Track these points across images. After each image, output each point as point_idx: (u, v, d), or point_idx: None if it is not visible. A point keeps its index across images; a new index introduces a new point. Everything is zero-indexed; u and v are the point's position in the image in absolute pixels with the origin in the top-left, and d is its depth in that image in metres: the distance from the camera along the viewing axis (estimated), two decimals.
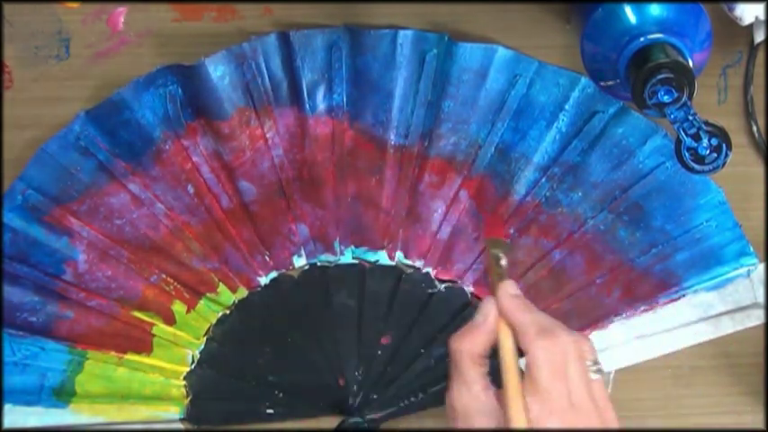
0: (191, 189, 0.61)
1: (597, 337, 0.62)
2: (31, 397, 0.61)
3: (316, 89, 0.61)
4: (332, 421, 0.62)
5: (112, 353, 0.61)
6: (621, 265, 0.61)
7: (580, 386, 0.48)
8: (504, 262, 0.53)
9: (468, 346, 0.50)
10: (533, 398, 0.47)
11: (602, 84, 0.58)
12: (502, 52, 0.60)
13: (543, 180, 0.61)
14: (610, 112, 0.61)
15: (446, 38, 0.60)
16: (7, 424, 0.60)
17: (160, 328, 0.61)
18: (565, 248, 0.61)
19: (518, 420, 0.47)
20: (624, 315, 0.61)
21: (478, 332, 0.50)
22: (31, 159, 0.60)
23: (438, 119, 0.61)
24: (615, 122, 0.61)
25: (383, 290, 0.62)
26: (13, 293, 0.60)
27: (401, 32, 0.60)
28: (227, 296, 0.62)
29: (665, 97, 0.53)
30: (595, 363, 0.50)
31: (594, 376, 0.49)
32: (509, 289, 0.51)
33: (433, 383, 0.62)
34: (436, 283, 0.62)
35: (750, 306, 0.62)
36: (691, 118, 0.53)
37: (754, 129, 0.62)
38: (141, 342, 0.61)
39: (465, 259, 0.62)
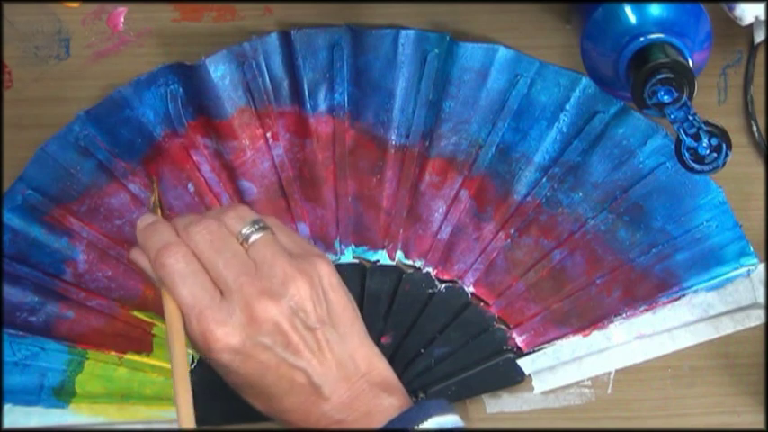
0: (191, 188, 0.61)
1: (597, 337, 0.62)
2: (31, 397, 0.61)
3: (317, 88, 0.61)
4: None
5: (112, 353, 0.61)
6: (622, 265, 0.61)
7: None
8: (151, 199, 0.56)
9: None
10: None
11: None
12: (503, 52, 0.61)
13: (544, 180, 0.61)
14: (610, 112, 0.61)
15: (447, 38, 0.60)
16: (7, 424, 0.60)
17: (160, 327, 0.61)
18: (565, 248, 0.61)
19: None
20: (624, 315, 0.61)
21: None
22: (31, 159, 0.60)
23: (439, 119, 0.61)
24: (616, 122, 0.61)
25: (383, 289, 0.62)
26: (13, 293, 0.60)
27: (403, 32, 0.60)
28: None
29: (665, 97, 0.53)
30: (254, 223, 0.50)
31: (256, 236, 0.50)
32: (140, 225, 0.52)
33: (433, 383, 0.62)
34: (436, 282, 0.62)
35: (750, 306, 0.62)
36: (691, 118, 0.53)
37: (754, 129, 0.62)
38: (141, 342, 0.61)
39: (465, 259, 0.62)
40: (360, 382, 0.50)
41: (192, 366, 0.62)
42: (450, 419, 0.49)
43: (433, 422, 0.48)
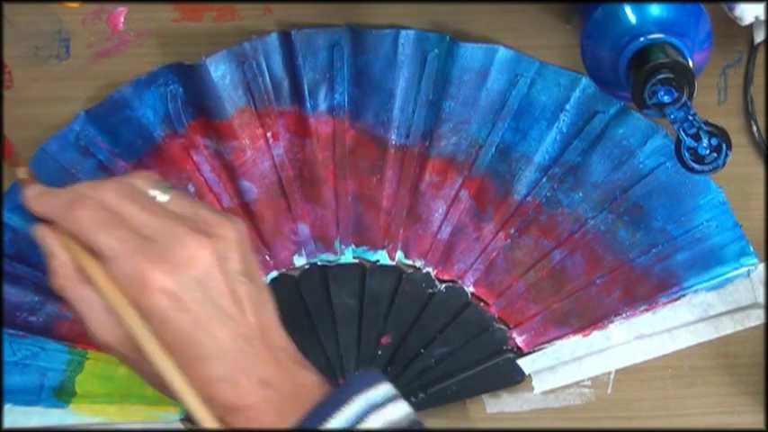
0: (191, 188, 0.61)
1: (597, 337, 0.62)
2: (31, 397, 0.61)
3: (317, 88, 0.61)
4: None
5: None
6: (622, 265, 0.61)
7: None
8: (21, 172, 0.53)
9: (61, 277, 0.48)
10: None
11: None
12: (503, 52, 0.61)
13: (544, 180, 0.61)
14: (610, 112, 0.61)
15: (447, 38, 0.60)
16: (7, 424, 0.60)
17: None
18: (565, 248, 0.61)
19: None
20: (624, 315, 0.61)
21: (56, 260, 0.48)
22: (31, 159, 0.60)
23: (439, 119, 0.61)
24: (616, 122, 0.61)
25: (383, 289, 0.62)
26: (13, 293, 0.60)
27: (403, 32, 0.60)
28: None
29: (665, 97, 0.53)
30: (161, 183, 0.49)
31: (167, 193, 0.49)
32: (29, 194, 0.49)
33: (433, 383, 0.62)
34: (436, 282, 0.62)
35: (750, 306, 0.62)
36: (691, 118, 0.53)
37: (754, 129, 0.62)
38: None
39: (465, 259, 0.62)
40: (280, 355, 0.48)
41: None
42: (382, 391, 0.47)
43: (361, 401, 0.46)
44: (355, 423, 0.45)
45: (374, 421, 0.46)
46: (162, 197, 0.49)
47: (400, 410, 0.47)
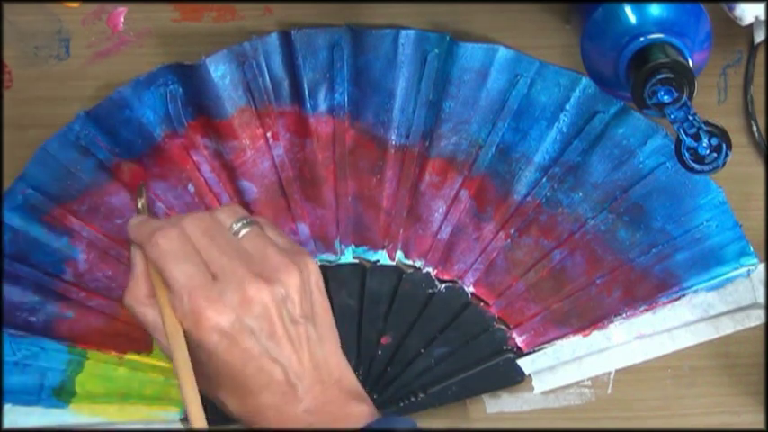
0: (191, 188, 0.61)
1: (597, 337, 0.62)
2: (31, 397, 0.61)
3: (317, 88, 0.61)
4: None
5: (113, 353, 0.61)
6: (622, 265, 0.61)
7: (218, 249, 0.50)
8: (140, 203, 0.57)
9: (133, 296, 0.51)
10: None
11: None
12: (503, 52, 0.61)
13: (544, 180, 0.61)
14: (610, 112, 0.61)
15: (447, 38, 0.60)
16: (7, 424, 0.60)
17: None
18: (565, 248, 0.61)
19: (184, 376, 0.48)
20: (624, 315, 0.61)
21: (135, 281, 0.51)
22: (32, 158, 0.60)
23: (439, 119, 0.61)
24: (616, 122, 0.61)
25: (383, 289, 0.62)
26: (13, 293, 0.60)
27: (403, 32, 0.60)
28: None
29: (665, 97, 0.53)
30: (243, 219, 0.51)
31: (246, 229, 0.51)
32: (132, 222, 0.53)
33: (433, 383, 0.62)
34: (436, 282, 0.62)
35: (750, 306, 0.62)
36: (691, 118, 0.53)
37: (754, 129, 0.62)
38: (141, 342, 0.61)
39: (465, 259, 0.62)
40: (332, 388, 0.50)
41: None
42: None
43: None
44: None
45: None
46: (244, 230, 0.51)
47: None
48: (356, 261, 0.62)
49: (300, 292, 0.50)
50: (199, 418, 0.47)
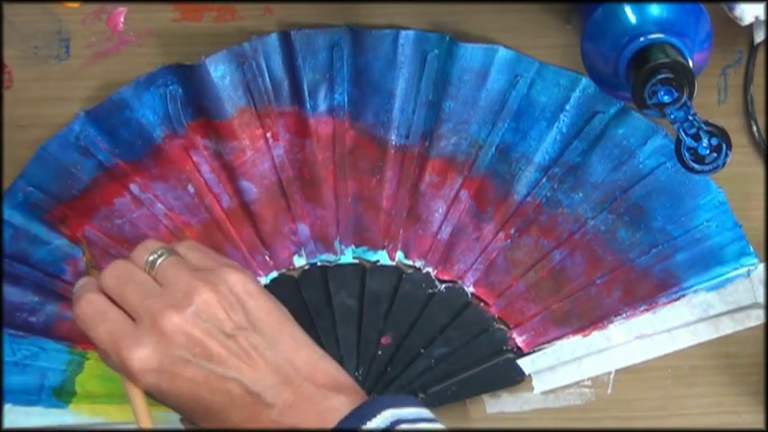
0: (191, 189, 0.61)
1: (597, 337, 0.62)
2: (31, 397, 0.61)
3: (317, 89, 0.61)
4: None
5: None
6: (622, 265, 0.61)
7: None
8: (84, 260, 0.58)
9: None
10: None
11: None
12: (503, 52, 0.61)
13: (544, 180, 0.61)
14: (610, 112, 0.61)
15: (447, 38, 0.60)
16: (7, 424, 0.60)
17: None
18: (565, 249, 0.61)
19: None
20: (624, 315, 0.61)
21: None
22: (32, 158, 0.60)
23: (439, 119, 0.61)
24: (616, 123, 0.61)
25: (383, 290, 0.62)
26: (13, 294, 0.60)
27: (402, 32, 0.60)
28: None
29: (665, 97, 0.53)
30: (158, 250, 0.51)
31: (160, 260, 0.51)
32: (75, 288, 0.53)
33: (433, 383, 0.62)
34: (436, 283, 0.62)
35: (750, 306, 0.62)
36: (691, 118, 0.53)
37: (754, 129, 0.62)
38: None
39: (465, 259, 0.62)
40: (304, 386, 0.49)
41: None
42: (409, 412, 0.49)
43: (387, 415, 0.47)
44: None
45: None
46: (159, 261, 0.51)
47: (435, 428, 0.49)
48: (356, 261, 0.62)
49: (223, 307, 0.49)
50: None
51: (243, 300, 0.50)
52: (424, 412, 0.49)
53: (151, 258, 0.51)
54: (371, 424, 0.47)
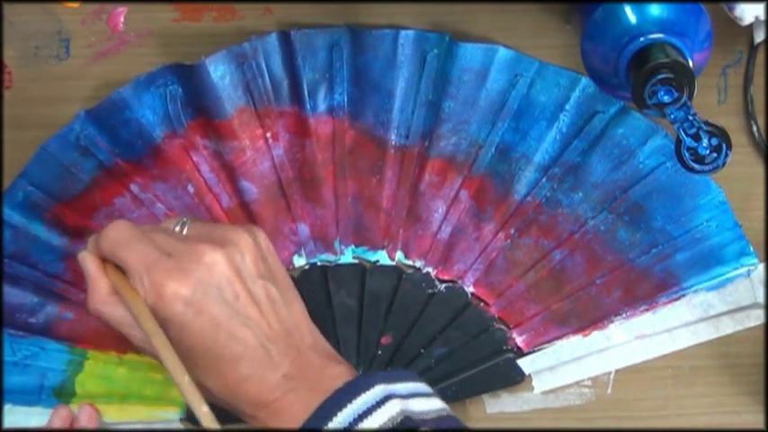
0: (191, 189, 0.61)
1: (597, 337, 0.62)
2: (31, 397, 0.61)
3: (316, 89, 0.61)
4: None
5: (112, 353, 0.61)
6: (622, 265, 0.61)
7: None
8: None
9: (95, 299, 0.51)
10: None
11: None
12: (502, 52, 0.61)
13: (544, 180, 0.61)
14: (610, 112, 0.61)
15: (447, 38, 0.60)
16: (7, 424, 0.60)
17: None
18: (565, 249, 0.61)
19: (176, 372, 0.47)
20: (624, 315, 0.61)
21: (93, 284, 0.51)
22: (32, 157, 0.60)
23: (439, 119, 0.61)
24: (616, 122, 0.61)
25: (383, 290, 0.62)
26: (12, 295, 0.60)
27: (402, 32, 0.60)
28: None
29: (665, 97, 0.53)
30: (178, 223, 0.52)
31: (186, 226, 0.52)
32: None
33: (433, 383, 0.61)
34: (436, 283, 0.62)
35: (750, 306, 0.62)
36: (691, 118, 0.53)
37: (754, 129, 0.62)
38: None
39: (465, 259, 0.62)
40: (308, 352, 0.50)
41: None
42: (404, 387, 0.49)
43: (377, 391, 0.47)
44: (373, 408, 0.47)
45: (392, 407, 0.47)
46: (185, 226, 0.52)
47: (429, 405, 0.49)
48: (356, 261, 0.62)
49: (254, 253, 0.50)
50: (192, 393, 0.47)
51: (266, 256, 0.52)
52: (420, 387, 0.50)
53: (178, 226, 0.52)
54: (360, 399, 0.47)
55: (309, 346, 0.51)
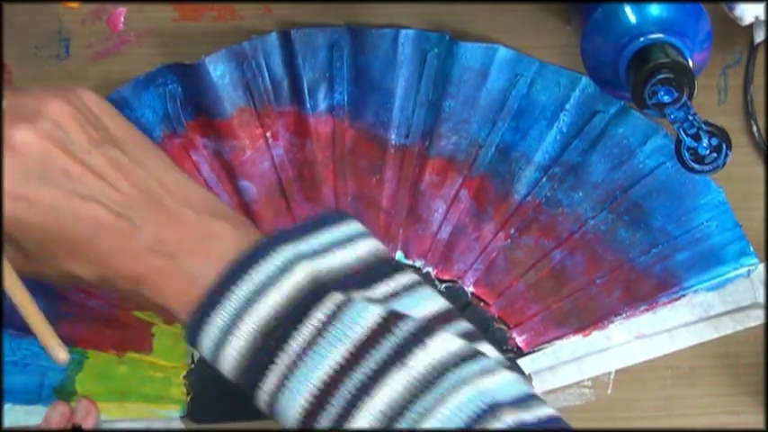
0: None
1: (597, 337, 0.62)
2: (31, 396, 0.61)
3: (317, 88, 0.61)
4: None
5: (112, 352, 0.61)
6: (622, 265, 0.61)
7: None
8: None
9: None
10: None
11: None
12: (503, 52, 0.61)
13: (544, 180, 0.61)
14: (610, 111, 0.61)
15: (447, 37, 0.60)
16: (7, 424, 0.60)
17: (160, 327, 0.61)
18: (565, 248, 0.61)
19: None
20: (624, 315, 0.61)
21: None
22: None
23: (439, 118, 0.61)
24: (616, 122, 0.61)
25: None
26: None
27: (402, 32, 0.60)
28: None
29: (665, 97, 0.53)
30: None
31: None
32: None
33: None
34: (436, 282, 0.62)
35: (750, 306, 0.62)
36: (691, 118, 0.53)
37: (754, 129, 0.62)
38: (141, 341, 0.61)
39: (465, 259, 0.62)
40: (182, 211, 0.45)
41: (192, 366, 0.62)
42: (318, 243, 0.44)
43: (286, 253, 0.42)
44: (275, 278, 0.42)
45: (301, 271, 0.42)
46: None
47: (364, 247, 0.44)
48: None
49: (76, 119, 0.44)
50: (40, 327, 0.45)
51: (99, 117, 0.46)
52: (353, 228, 0.45)
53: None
54: (262, 267, 0.42)
55: (183, 203, 0.45)
